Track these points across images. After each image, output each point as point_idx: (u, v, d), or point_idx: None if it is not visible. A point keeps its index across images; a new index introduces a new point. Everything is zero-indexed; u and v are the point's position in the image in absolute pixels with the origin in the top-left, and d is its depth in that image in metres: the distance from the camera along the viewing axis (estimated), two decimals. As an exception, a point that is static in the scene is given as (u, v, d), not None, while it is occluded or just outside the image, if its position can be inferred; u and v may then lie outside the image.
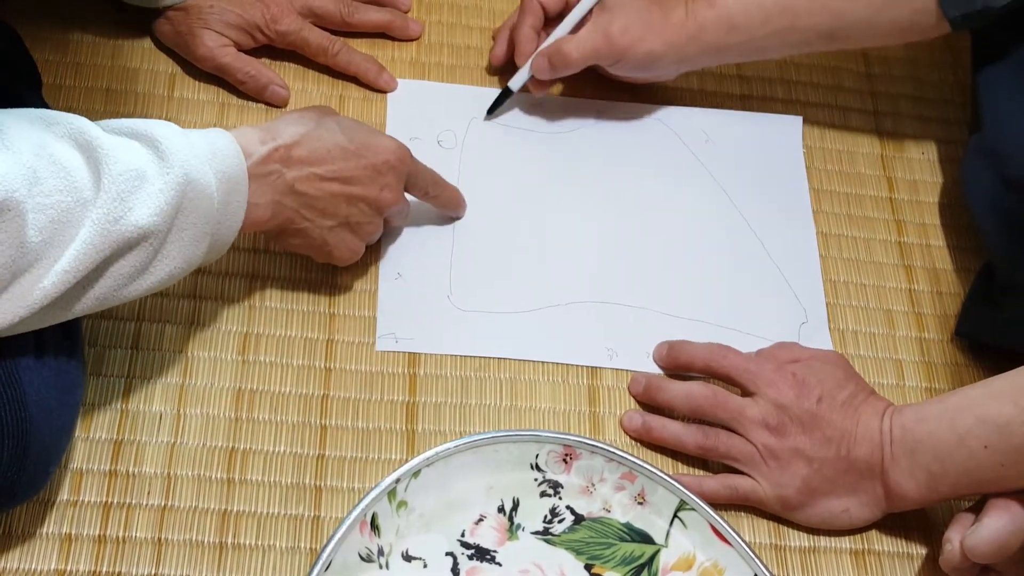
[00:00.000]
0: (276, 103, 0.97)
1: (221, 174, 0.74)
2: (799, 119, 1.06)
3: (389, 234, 0.92)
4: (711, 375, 0.88)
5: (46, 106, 0.87)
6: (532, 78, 0.97)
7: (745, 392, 0.86)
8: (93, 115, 0.92)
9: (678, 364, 0.90)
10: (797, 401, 0.83)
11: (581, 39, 0.94)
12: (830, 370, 0.85)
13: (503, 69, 1.01)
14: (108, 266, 0.69)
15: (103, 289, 0.69)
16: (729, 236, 0.98)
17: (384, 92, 1.00)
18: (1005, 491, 0.78)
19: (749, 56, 1.00)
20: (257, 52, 0.98)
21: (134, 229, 0.68)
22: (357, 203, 0.83)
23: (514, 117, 1.01)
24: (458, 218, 0.94)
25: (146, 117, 0.93)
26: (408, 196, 0.89)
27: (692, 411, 0.87)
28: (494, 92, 1.01)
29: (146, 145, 0.71)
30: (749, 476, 0.84)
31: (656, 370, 0.91)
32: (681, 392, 0.87)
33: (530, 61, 0.96)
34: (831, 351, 0.90)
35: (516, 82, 0.98)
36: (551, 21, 0.97)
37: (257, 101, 0.97)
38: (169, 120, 0.93)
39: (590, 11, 0.95)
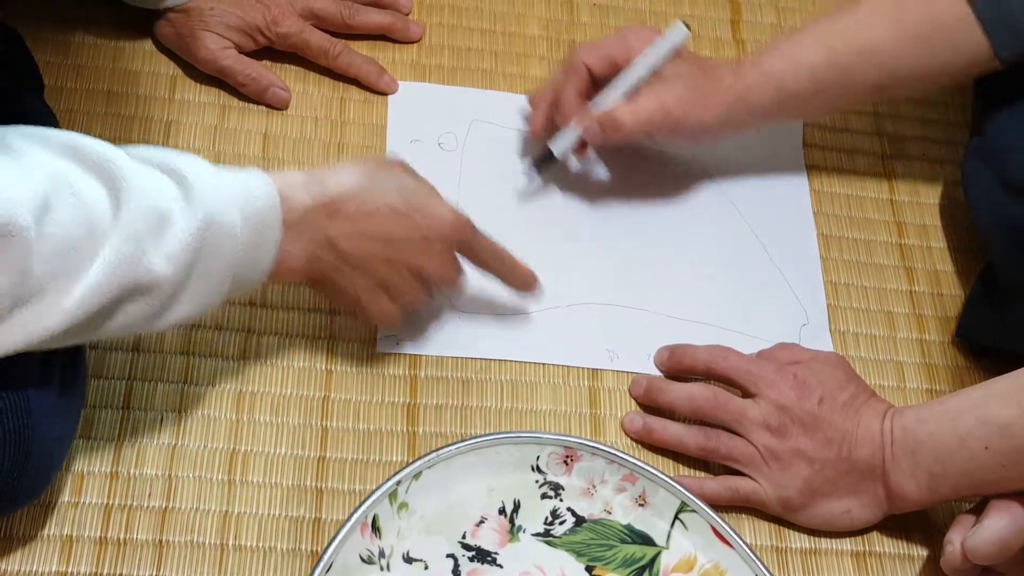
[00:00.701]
0: (277, 105, 0.97)
1: (250, 219, 0.71)
2: (799, 121, 1.06)
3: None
4: (712, 377, 0.88)
5: (47, 108, 0.87)
6: (577, 142, 0.93)
7: (746, 393, 0.86)
8: (94, 117, 0.94)
9: (680, 368, 0.90)
10: (798, 402, 0.83)
11: (637, 108, 0.90)
12: (831, 371, 0.85)
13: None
14: (116, 308, 0.67)
15: (110, 330, 0.67)
16: (729, 237, 0.98)
17: (385, 94, 1.00)
18: (1006, 492, 0.78)
19: (796, 116, 0.99)
20: (258, 54, 0.98)
21: (146, 274, 0.66)
22: (398, 267, 0.80)
23: (515, 119, 1.01)
24: (532, 298, 0.89)
25: (147, 118, 0.94)
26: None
27: (693, 412, 0.87)
28: (495, 95, 1.01)
29: (175, 181, 0.68)
30: (750, 477, 0.84)
31: (657, 372, 0.91)
32: (682, 394, 0.87)
33: (575, 125, 0.92)
34: (832, 352, 0.90)
35: (559, 146, 0.93)
36: (596, 85, 0.93)
37: (258, 103, 0.97)
38: (170, 122, 0.95)
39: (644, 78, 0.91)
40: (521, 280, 0.88)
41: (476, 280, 0.91)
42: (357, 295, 0.81)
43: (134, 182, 0.66)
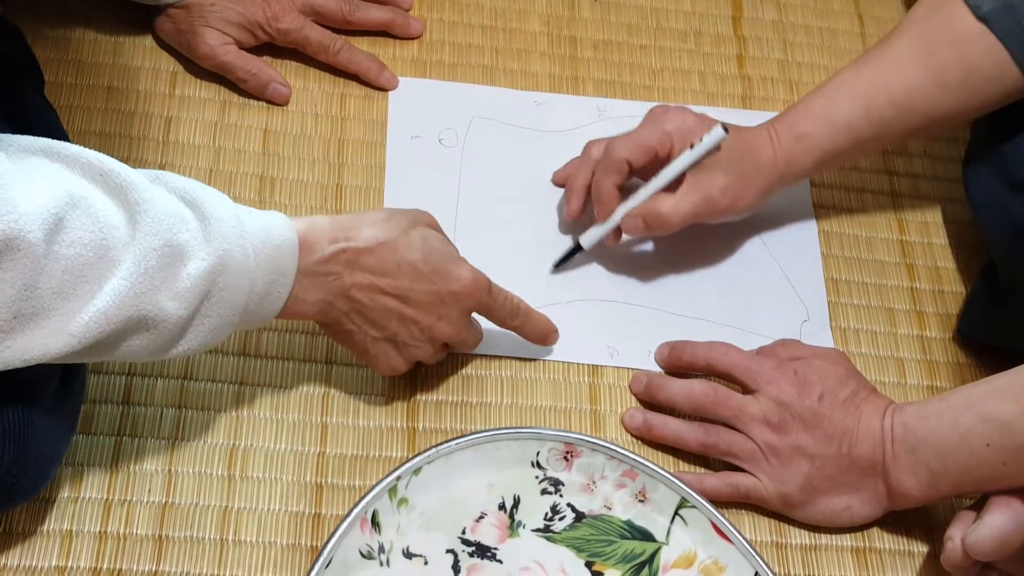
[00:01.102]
0: (277, 101, 0.97)
1: (266, 262, 0.71)
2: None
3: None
4: (712, 373, 0.88)
5: (47, 104, 0.87)
6: (610, 233, 0.91)
7: (746, 390, 0.86)
8: (94, 112, 0.94)
9: (680, 364, 0.90)
10: (798, 399, 0.83)
11: (679, 201, 0.88)
12: (831, 368, 0.85)
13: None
14: (120, 339, 0.66)
15: (109, 358, 0.67)
16: (730, 234, 0.98)
17: (385, 90, 1.00)
18: (1007, 489, 0.78)
19: (830, 170, 0.99)
20: (258, 50, 0.98)
21: (154, 309, 0.66)
22: (409, 324, 0.80)
23: (515, 115, 1.01)
24: (549, 348, 0.90)
25: (147, 114, 0.94)
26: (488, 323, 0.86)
27: (693, 409, 0.87)
28: (496, 91, 1.01)
29: (195, 215, 0.68)
30: (750, 474, 0.84)
31: (657, 368, 0.91)
32: (682, 390, 0.87)
33: (611, 219, 0.90)
34: (832, 349, 0.90)
35: (589, 239, 0.92)
36: (632, 173, 0.91)
37: (258, 99, 0.97)
38: (170, 118, 0.95)
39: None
40: (540, 333, 0.88)
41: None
42: (365, 346, 0.81)
43: (153, 212, 0.65)
